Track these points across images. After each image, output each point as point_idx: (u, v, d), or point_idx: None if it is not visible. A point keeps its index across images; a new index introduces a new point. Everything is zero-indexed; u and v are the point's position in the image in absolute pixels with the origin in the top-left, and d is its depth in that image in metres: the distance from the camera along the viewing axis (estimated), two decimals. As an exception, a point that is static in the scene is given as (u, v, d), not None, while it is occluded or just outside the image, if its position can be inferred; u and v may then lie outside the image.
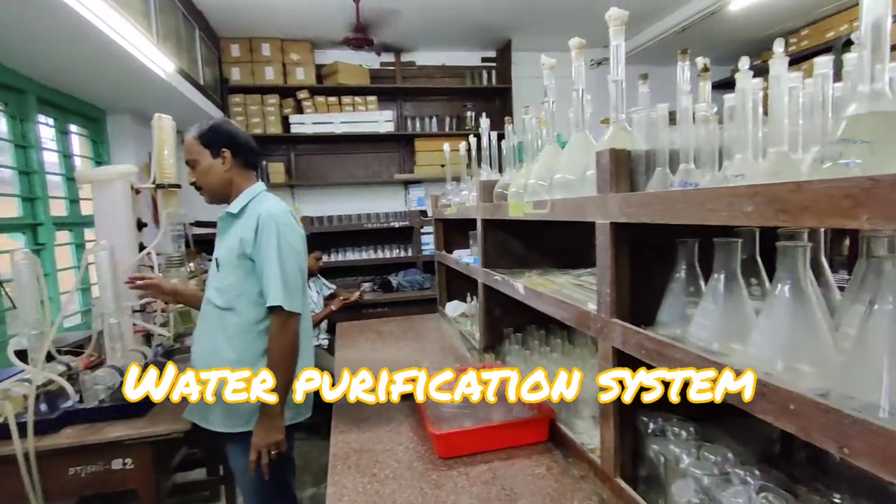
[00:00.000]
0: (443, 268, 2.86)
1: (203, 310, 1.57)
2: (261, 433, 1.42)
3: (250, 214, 1.50)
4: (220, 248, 1.55)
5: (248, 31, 3.94)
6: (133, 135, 3.33)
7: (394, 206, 4.55)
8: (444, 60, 4.63)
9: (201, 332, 1.56)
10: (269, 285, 1.43)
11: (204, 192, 1.57)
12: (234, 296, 1.48)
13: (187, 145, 1.54)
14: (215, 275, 1.53)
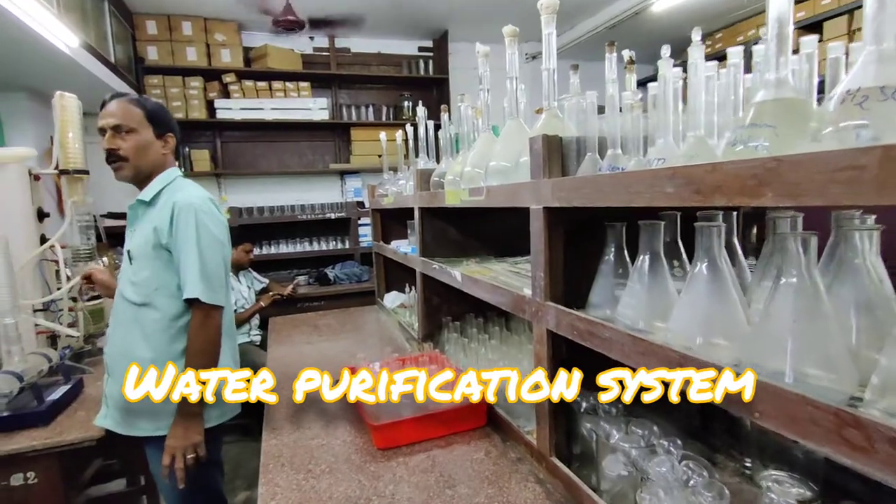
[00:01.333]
0: (381, 259, 2.82)
1: (116, 306, 1.43)
2: (177, 435, 1.31)
3: (165, 202, 1.38)
4: (131, 239, 1.42)
5: (166, 8, 3.65)
6: (32, 115, 3.01)
7: (330, 197, 4.42)
8: (379, 48, 4.54)
9: (115, 330, 1.42)
10: (186, 277, 1.33)
11: (125, 167, 1.38)
12: (150, 290, 1.36)
13: (124, 110, 1.37)
14: (128, 268, 1.40)
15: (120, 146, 1.36)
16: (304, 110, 4.12)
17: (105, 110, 1.38)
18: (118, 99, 1.39)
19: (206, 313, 1.34)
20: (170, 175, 1.45)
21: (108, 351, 1.44)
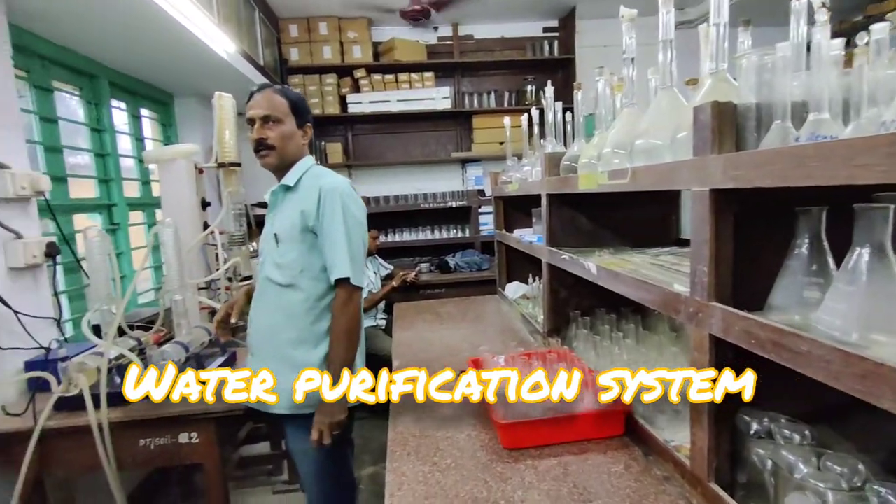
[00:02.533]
0: (503, 247, 2.75)
1: (260, 288, 1.51)
2: (326, 411, 1.37)
3: (308, 187, 1.44)
4: (276, 222, 1.47)
5: (306, 11, 3.93)
6: (199, 116, 3.43)
7: (451, 186, 4.45)
8: (503, 32, 4.44)
9: (259, 311, 1.50)
10: (334, 258, 1.38)
11: (272, 155, 1.44)
12: (296, 272, 1.42)
13: (273, 100, 1.43)
14: (273, 251, 1.46)
15: (268, 136, 1.42)
16: (427, 100, 4.18)
17: (253, 101, 1.44)
18: (265, 90, 1.45)
19: (350, 294, 1.39)
20: (307, 162, 1.51)
21: (253, 331, 1.51)
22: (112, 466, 1.52)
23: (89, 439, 1.49)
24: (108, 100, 2.58)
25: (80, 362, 1.51)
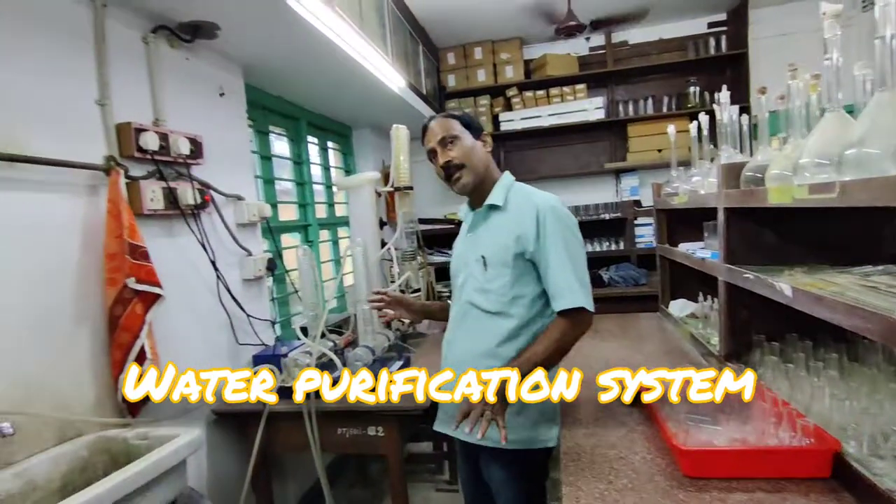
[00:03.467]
0: (665, 262, 2.60)
1: (461, 310, 1.42)
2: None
3: (519, 206, 1.36)
4: (482, 244, 1.39)
5: (462, 39, 4.20)
6: (371, 145, 3.87)
7: (604, 197, 4.33)
8: (660, 34, 4.21)
9: (463, 335, 1.42)
10: (563, 285, 1.27)
11: (465, 173, 1.37)
12: (506, 299, 1.33)
13: (444, 124, 1.39)
14: (480, 274, 1.37)
15: (453, 156, 1.37)
16: (579, 112, 4.15)
17: (429, 132, 1.42)
18: (434, 119, 1.43)
19: (583, 318, 1.30)
20: (508, 178, 1.45)
21: (453, 357, 1.43)
22: (317, 447, 1.80)
23: (301, 423, 1.79)
24: (306, 137, 3.07)
25: (294, 358, 1.83)
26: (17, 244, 1.28)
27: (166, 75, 1.79)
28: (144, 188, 1.61)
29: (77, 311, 1.42)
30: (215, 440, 1.91)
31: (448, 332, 1.48)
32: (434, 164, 1.42)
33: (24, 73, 1.31)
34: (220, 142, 2.05)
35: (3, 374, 1.21)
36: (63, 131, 1.41)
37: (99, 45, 1.52)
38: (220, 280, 1.93)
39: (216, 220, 1.99)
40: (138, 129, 1.59)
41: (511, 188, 1.42)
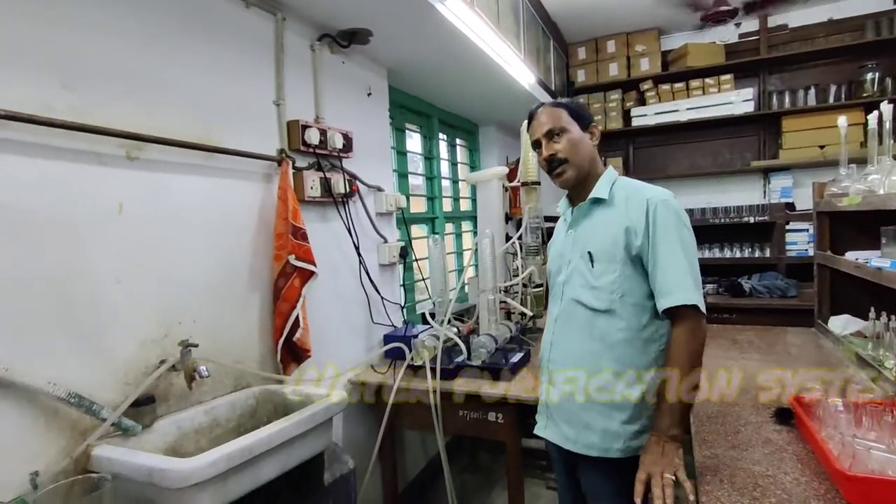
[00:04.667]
0: (825, 272, 2.30)
1: (565, 309, 1.35)
2: (655, 452, 1.16)
3: (626, 200, 1.29)
4: (587, 240, 1.32)
5: (594, 33, 4.08)
6: (497, 141, 3.93)
7: (748, 199, 3.92)
8: (830, 14, 3.69)
9: (566, 335, 1.34)
10: (674, 281, 1.19)
11: (568, 168, 1.32)
12: (615, 296, 1.26)
13: (552, 113, 1.32)
14: (587, 271, 1.30)
15: (557, 149, 1.31)
16: (723, 105, 3.80)
17: (535, 122, 1.36)
18: (542, 108, 1.36)
19: (699, 321, 1.20)
20: (613, 173, 1.38)
21: (557, 358, 1.36)
22: (439, 425, 1.90)
23: (425, 401, 1.90)
24: (437, 133, 3.22)
25: (423, 340, 1.95)
26: (215, 221, 1.54)
27: (326, 77, 2.01)
28: (307, 177, 1.83)
29: (252, 280, 1.66)
30: (348, 407, 2.11)
31: (549, 333, 1.40)
32: (538, 155, 1.37)
33: (219, 79, 1.57)
34: (366, 137, 2.24)
35: (203, 328, 1.47)
36: (248, 128, 1.66)
37: (278, 53, 1.76)
38: (362, 263, 2.11)
39: (360, 209, 2.19)
40: (304, 126, 1.81)
41: (615, 182, 1.35)
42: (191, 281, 1.46)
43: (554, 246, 1.48)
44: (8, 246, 1.06)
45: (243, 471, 1.14)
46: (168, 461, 1.06)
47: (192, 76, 1.47)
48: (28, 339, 1.08)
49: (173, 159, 1.41)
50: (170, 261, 1.40)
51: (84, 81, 1.20)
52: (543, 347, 1.43)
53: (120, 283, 1.27)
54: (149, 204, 1.35)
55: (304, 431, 1.32)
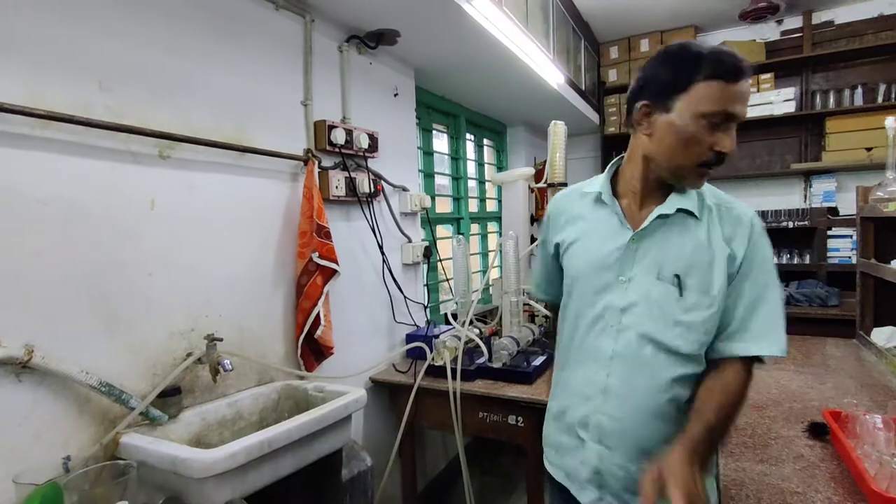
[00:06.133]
0: (869, 281, 2.19)
1: (629, 348, 0.99)
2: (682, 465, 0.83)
3: (719, 216, 0.99)
4: (668, 257, 0.98)
5: (626, 32, 3.99)
6: (524, 142, 3.90)
7: (787, 203, 3.77)
8: (880, 10, 3.51)
9: (630, 387, 0.99)
10: (771, 326, 0.96)
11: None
12: (705, 338, 0.97)
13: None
14: (675, 302, 0.96)
15: (733, 148, 0.92)
16: (763, 105, 3.66)
17: (734, 90, 0.88)
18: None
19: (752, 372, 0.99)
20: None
21: (614, 413, 0.99)
22: (459, 426, 1.89)
23: (445, 401, 1.90)
24: (464, 134, 3.22)
25: (444, 340, 1.95)
26: (243, 219, 1.58)
27: (353, 78, 2.03)
28: (332, 177, 1.85)
29: (276, 277, 1.70)
30: (369, 405, 2.13)
31: (600, 373, 1.01)
32: (707, 134, 0.90)
33: (249, 80, 1.60)
34: (392, 138, 2.26)
35: (228, 323, 1.51)
36: (277, 128, 1.69)
37: (307, 55, 1.79)
38: (385, 262, 2.13)
39: (384, 208, 2.20)
40: (330, 126, 1.84)
41: (700, 190, 1.02)
42: (218, 276, 1.50)
43: (591, 250, 1.05)
44: (50, 239, 1.11)
45: (263, 464, 1.16)
46: (191, 451, 1.09)
47: (222, 77, 1.51)
48: (64, 327, 1.13)
49: (203, 158, 1.45)
50: (198, 256, 1.44)
51: (120, 83, 1.25)
52: (579, 377, 1.05)
53: (151, 275, 1.32)
54: (179, 201, 1.39)
55: (323, 427, 1.33)
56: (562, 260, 1.11)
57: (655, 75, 0.95)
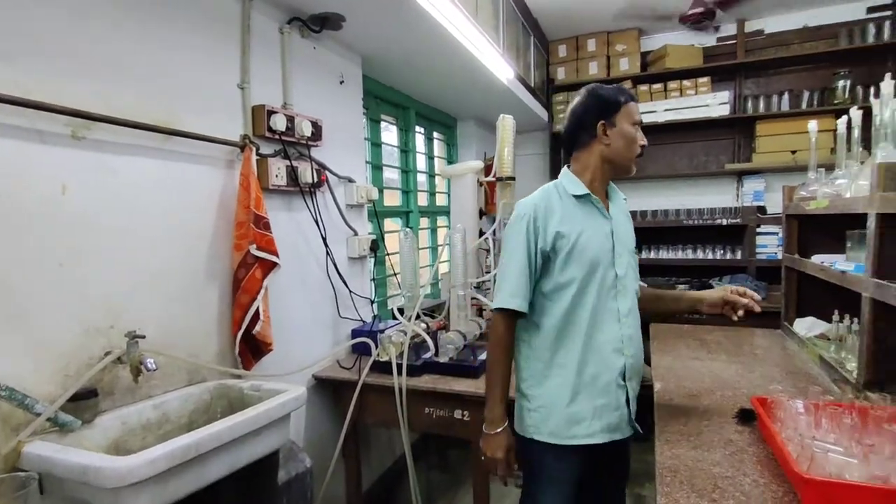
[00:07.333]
0: (793, 275, 2.33)
1: (632, 302, 1.40)
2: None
3: (616, 199, 1.44)
4: (624, 235, 1.41)
5: (574, 31, 4.07)
6: (475, 136, 3.90)
7: (721, 201, 3.97)
8: (805, 21, 3.75)
9: (636, 331, 1.41)
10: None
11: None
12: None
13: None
14: (635, 260, 1.44)
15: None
16: (700, 108, 3.83)
17: (636, 107, 1.38)
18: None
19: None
20: None
21: (635, 354, 1.39)
22: (405, 422, 1.86)
23: (391, 398, 1.86)
24: (414, 126, 3.17)
25: (390, 336, 1.90)
26: (171, 207, 1.47)
27: (295, 63, 1.94)
28: (271, 165, 1.76)
29: (211, 270, 1.59)
30: (313, 403, 2.06)
31: (625, 328, 1.36)
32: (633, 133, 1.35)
33: (181, 58, 1.49)
34: (337, 127, 2.18)
35: (154, 319, 1.40)
36: (211, 111, 1.59)
37: (244, 35, 1.69)
38: (329, 255, 2.06)
39: (329, 200, 2.13)
40: (270, 111, 1.74)
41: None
42: (143, 268, 1.38)
43: (578, 229, 1.33)
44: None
45: (188, 469, 1.08)
46: (103, 459, 1.00)
47: (150, 54, 1.39)
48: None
49: (127, 140, 1.34)
50: (120, 246, 1.32)
51: (25, 55, 1.12)
52: (608, 339, 1.34)
53: (62, 266, 1.20)
54: (97, 185, 1.27)
55: (258, 428, 1.26)
56: (565, 248, 1.32)
57: (597, 104, 1.35)
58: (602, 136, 1.35)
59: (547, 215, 1.33)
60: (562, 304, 1.33)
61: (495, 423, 1.35)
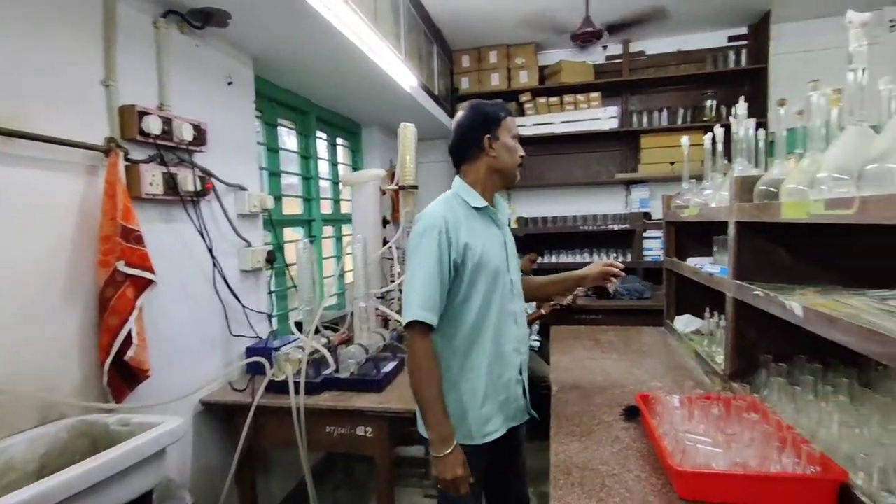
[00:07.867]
0: (672, 276, 2.55)
1: (521, 307, 1.52)
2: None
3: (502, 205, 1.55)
4: (509, 241, 1.52)
5: (477, 42, 4.17)
6: (380, 143, 3.85)
7: (613, 208, 4.28)
8: (679, 46, 4.16)
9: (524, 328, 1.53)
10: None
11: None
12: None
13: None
14: (519, 265, 1.56)
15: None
16: (592, 121, 4.11)
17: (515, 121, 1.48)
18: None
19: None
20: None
21: (525, 349, 1.51)
22: (304, 444, 1.76)
23: (289, 419, 1.75)
24: (315, 132, 3.05)
25: (286, 353, 1.79)
26: (18, 220, 1.26)
27: (174, 61, 1.77)
28: (144, 172, 1.59)
29: (69, 290, 1.40)
30: (201, 431, 1.88)
31: (515, 330, 1.45)
32: (514, 145, 1.45)
33: (32, 51, 1.30)
34: (226, 131, 2.03)
35: (-12, 350, 1.19)
36: (67, 110, 1.39)
37: (108, 27, 1.50)
38: (217, 269, 1.90)
39: (216, 209, 1.97)
40: (141, 112, 1.57)
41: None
42: (-25, 292, 1.17)
43: (481, 240, 1.39)
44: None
45: (29, 528, 0.92)
46: None
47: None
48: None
49: (-51, 142, 1.13)
50: (-59, 268, 1.11)
51: None
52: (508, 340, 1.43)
53: None
54: None
55: (126, 468, 1.11)
56: (472, 260, 1.35)
57: (482, 119, 1.41)
58: (489, 148, 1.41)
59: (457, 227, 1.34)
60: (471, 313, 1.36)
61: (447, 442, 1.27)
